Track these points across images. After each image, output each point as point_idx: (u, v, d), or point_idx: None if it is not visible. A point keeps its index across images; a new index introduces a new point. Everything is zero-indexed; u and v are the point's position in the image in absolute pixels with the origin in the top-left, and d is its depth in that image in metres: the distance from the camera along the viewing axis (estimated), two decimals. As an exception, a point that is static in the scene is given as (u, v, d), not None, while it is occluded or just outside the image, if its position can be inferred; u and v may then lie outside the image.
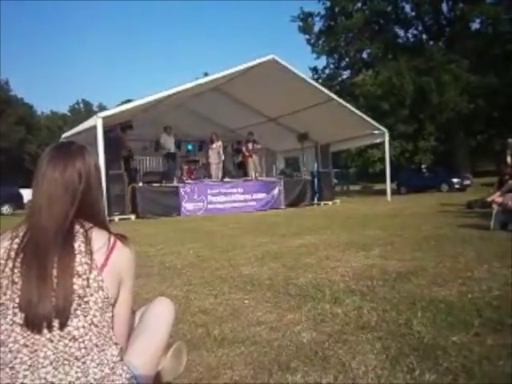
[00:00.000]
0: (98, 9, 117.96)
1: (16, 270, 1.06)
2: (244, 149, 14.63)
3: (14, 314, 1.04)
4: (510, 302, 2.46)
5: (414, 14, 28.00)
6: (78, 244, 1.10)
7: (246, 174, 15.19)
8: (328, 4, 28.41)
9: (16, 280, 1.06)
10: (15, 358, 1.03)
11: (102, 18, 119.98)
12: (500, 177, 6.59)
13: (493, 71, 22.91)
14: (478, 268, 3.39)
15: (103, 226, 1.20)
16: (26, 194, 16.86)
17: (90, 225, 1.16)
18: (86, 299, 1.06)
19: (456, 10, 26.22)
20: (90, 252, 1.10)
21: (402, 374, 1.64)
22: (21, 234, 1.12)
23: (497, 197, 5.83)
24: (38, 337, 1.04)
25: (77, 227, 1.13)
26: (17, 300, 1.05)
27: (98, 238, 1.14)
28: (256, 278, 3.48)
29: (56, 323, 1.04)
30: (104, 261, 1.11)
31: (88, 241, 1.12)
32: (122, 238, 1.21)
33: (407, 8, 28.02)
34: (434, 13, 27.12)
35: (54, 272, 1.06)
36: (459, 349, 1.84)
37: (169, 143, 13.15)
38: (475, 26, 26.46)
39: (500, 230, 5.45)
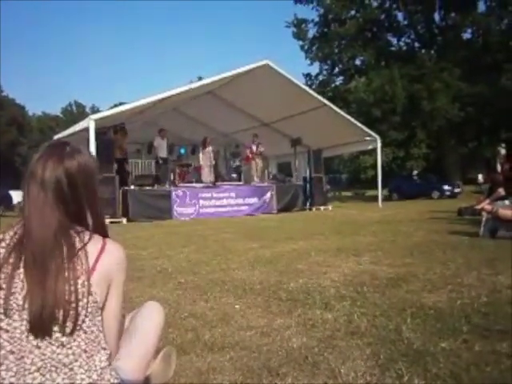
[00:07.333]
0: (92, 10, 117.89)
1: (2, 276, 1.04)
2: (248, 151, 14.53)
3: (0, 320, 1.03)
4: (498, 308, 2.49)
5: (406, 22, 28.33)
6: (69, 248, 1.08)
7: (240, 179, 15.11)
8: (321, 11, 28.63)
9: (3, 286, 1.04)
10: (1, 364, 1.01)
11: (95, 19, 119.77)
12: (491, 184, 6.68)
13: (483, 80, 23.23)
14: (467, 275, 3.42)
15: (99, 229, 1.19)
16: (16, 195, 16.64)
17: (82, 228, 1.15)
18: (73, 305, 1.04)
19: (448, 20, 26.60)
20: (79, 256, 1.08)
21: (391, 380, 1.65)
22: (7, 238, 1.10)
23: (486, 204, 5.91)
24: (24, 343, 1.02)
25: (68, 231, 1.11)
26: (3, 306, 1.03)
27: (90, 242, 1.12)
28: (247, 282, 3.47)
29: (56, 328, 1.03)
30: (93, 265, 1.10)
31: (79, 245, 1.10)
32: (113, 241, 1.19)
33: (400, 16, 28.38)
34: (426, 22, 27.48)
35: (48, 277, 1.04)
36: (448, 355, 1.86)
37: (162, 147, 13.06)
38: (467, 35, 26.92)
39: (489, 237, 5.51)
